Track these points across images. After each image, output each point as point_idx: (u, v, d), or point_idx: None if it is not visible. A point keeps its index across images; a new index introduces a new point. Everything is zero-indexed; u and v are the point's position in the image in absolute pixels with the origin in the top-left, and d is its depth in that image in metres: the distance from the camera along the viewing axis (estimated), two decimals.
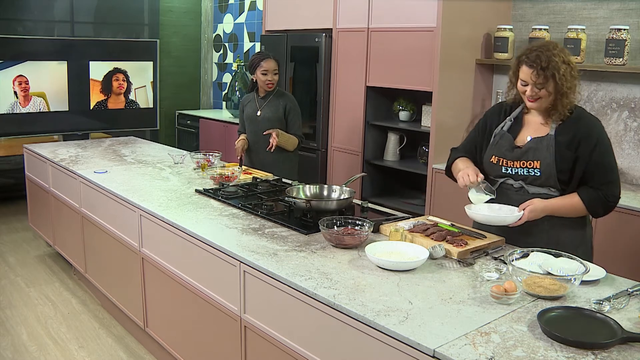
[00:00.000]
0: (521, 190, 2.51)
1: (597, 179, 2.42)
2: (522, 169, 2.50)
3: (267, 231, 2.68)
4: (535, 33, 4.01)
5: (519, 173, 2.51)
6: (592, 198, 2.42)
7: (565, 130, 2.44)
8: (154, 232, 3.06)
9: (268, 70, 4.00)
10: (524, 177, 2.49)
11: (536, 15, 4.31)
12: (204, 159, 3.98)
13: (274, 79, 4.03)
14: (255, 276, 2.31)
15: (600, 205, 2.43)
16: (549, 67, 2.34)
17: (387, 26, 4.51)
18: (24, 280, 4.53)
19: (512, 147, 2.54)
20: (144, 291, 3.28)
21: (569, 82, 2.37)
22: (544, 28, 4.01)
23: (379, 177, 4.91)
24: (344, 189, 3.05)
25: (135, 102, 6.49)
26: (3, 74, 5.75)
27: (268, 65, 4.00)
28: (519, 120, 2.59)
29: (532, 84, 2.40)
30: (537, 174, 2.46)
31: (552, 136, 2.45)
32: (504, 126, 2.60)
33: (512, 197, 2.52)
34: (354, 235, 2.47)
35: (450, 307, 1.89)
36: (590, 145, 2.40)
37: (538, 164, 2.45)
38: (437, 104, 4.21)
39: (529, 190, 2.49)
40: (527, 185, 2.50)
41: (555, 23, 4.18)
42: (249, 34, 7.23)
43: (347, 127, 4.95)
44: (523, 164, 2.49)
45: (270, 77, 4.01)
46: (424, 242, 2.42)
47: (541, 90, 2.39)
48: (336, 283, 2.08)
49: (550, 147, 2.43)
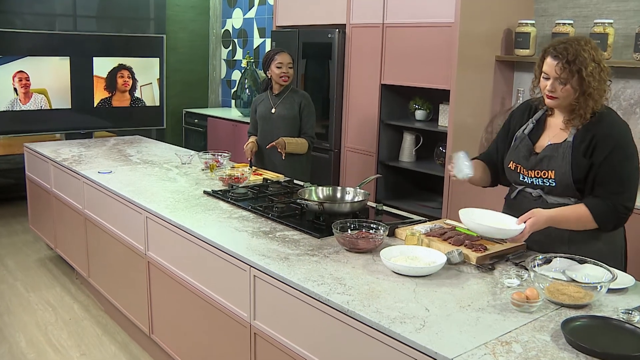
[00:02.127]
0: (540, 199, 2.46)
1: (608, 187, 2.30)
2: (537, 178, 2.44)
3: (278, 234, 2.69)
4: (558, 28, 4.00)
5: (535, 183, 2.46)
6: (601, 210, 2.30)
7: (583, 135, 2.35)
8: (161, 234, 3.08)
9: (283, 64, 4.04)
10: (541, 186, 2.44)
11: (560, 9, 4.29)
12: (212, 160, 4.01)
13: (289, 72, 4.06)
14: (265, 281, 2.32)
15: (609, 217, 2.31)
16: (576, 61, 2.25)
17: (403, 21, 4.51)
18: (23, 285, 4.56)
19: (529, 154, 2.47)
20: (149, 296, 3.30)
21: (595, 82, 2.27)
22: (568, 22, 3.99)
23: (394, 178, 4.90)
24: (358, 191, 3.05)
25: (140, 99, 6.52)
26: (2, 70, 5.77)
27: (282, 58, 4.04)
28: (541, 122, 2.52)
29: (555, 78, 2.31)
30: (552, 184, 2.40)
31: (569, 142, 2.36)
32: (526, 129, 2.54)
33: (530, 206, 2.46)
34: (369, 239, 2.47)
35: (469, 315, 1.89)
36: (606, 150, 2.28)
37: (552, 173, 2.38)
38: (455, 102, 4.21)
39: (548, 200, 2.43)
40: (545, 195, 2.45)
41: (580, 17, 4.16)
42: (259, 29, 7.25)
43: (361, 127, 4.95)
44: (537, 173, 2.43)
45: (285, 70, 4.04)
46: (441, 246, 2.43)
47: (565, 86, 2.30)
48: (350, 289, 2.09)
49: (567, 155, 2.35)
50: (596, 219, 2.31)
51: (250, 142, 4.18)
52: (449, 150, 4.25)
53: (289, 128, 4.10)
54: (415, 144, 4.81)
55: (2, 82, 5.78)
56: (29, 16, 6.67)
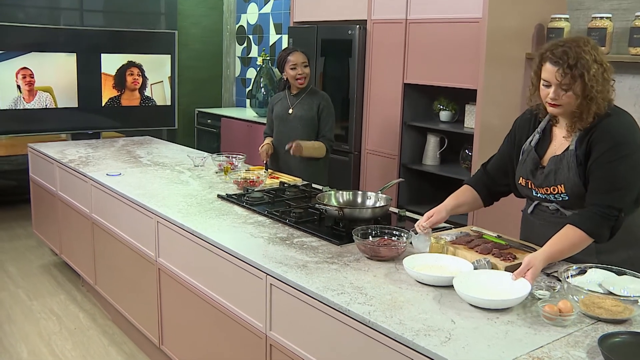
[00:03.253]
0: (557, 212, 2.45)
1: (594, 192, 2.26)
2: (548, 194, 2.42)
3: (295, 241, 2.70)
4: (595, 22, 3.95)
5: (548, 198, 2.44)
6: (590, 222, 2.22)
7: (582, 139, 2.32)
8: (172, 240, 3.10)
9: (297, 64, 4.04)
10: (556, 201, 2.43)
11: (597, 1, 4.25)
12: (226, 162, 4.03)
13: (304, 72, 4.07)
14: (282, 290, 2.33)
15: (600, 226, 2.23)
16: (578, 65, 2.21)
17: (427, 17, 4.51)
18: (25, 293, 4.59)
19: (536, 168, 2.45)
20: (159, 305, 3.32)
21: (599, 85, 2.23)
22: (606, 17, 3.94)
23: (417, 183, 4.90)
24: (379, 196, 3.06)
25: (151, 98, 6.56)
26: (5, 66, 5.79)
27: (296, 58, 4.04)
28: (547, 133, 2.49)
29: (557, 84, 2.26)
30: (565, 198, 2.37)
31: (571, 151, 2.34)
32: (532, 140, 2.51)
33: (549, 220, 2.45)
34: (391, 246, 2.48)
35: (498, 328, 1.89)
36: (600, 151, 2.25)
37: (562, 187, 2.36)
38: (482, 102, 4.20)
39: (566, 214, 2.40)
40: (563, 209, 2.42)
41: (619, 10, 4.11)
42: (275, 25, 7.28)
43: (383, 128, 4.96)
44: (547, 190, 2.41)
45: (300, 71, 4.05)
46: (467, 255, 2.42)
47: (567, 92, 2.25)
48: (371, 299, 2.09)
49: (572, 165, 2.32)
50: (589, 233, 2.22)
51: (266, 144, 4.20)
52: (476, 153, 4.24)
53: (306, 130, 4.11)
54: (439, 147, 4.80)
55: (5, 79, 5.80)
56: (33, 9, 6.70)
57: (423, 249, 2.50)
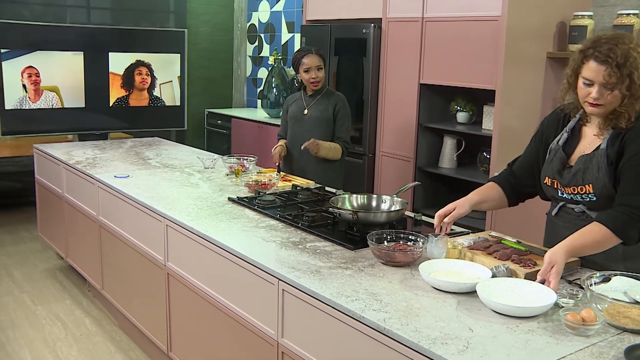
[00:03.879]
0: (583, 215, 2.43)
1: (623, 192, 2.24)
2: (575, 195, 2.40)
3: (308, 245, 2.70)
4: (621, 19, 3.92)
5: (574, 199, 2.43)
6: (618, 222, 2.20)
7: (615, 137, 2.31)
8: (182, 244, 3.11)
9: (310, 67, 4.05)
10: (583, 202, 2.41)
11: None
12: (237, 164, 4.04)
13: (318, 75, 4.07)
14: (295, 296, 2.33)
15: (630, 227, 2.20)
16: (627, 64, 2.18)
17: (444, 15, 4.50)
18: (30, 297, 4.61)
19: (563, 168, 2.44)
20: (168, 311, 3.33)
21: None
22: (632, 13, 3.90)
23: (433, 186, 4.89)
24: (394, 200, 3.06)
25: (160, 98, 6.58)
26: (10, 65, 5.79)
27: (310, 61, 4.05)
28: (575, 132, 2.48)
29: (602, 84, 2.23)
30: (592, 198, 2.36)
31: (602, 150, 2.32)
32: (560, 139, 2.49)
33: (574, 222, 2.44)
34: (406, 251, 2.48)
35: (517, 337, 1.88)
36: (633, 151, 2.24)
37: (590, 187, 2.34)
38: (501, 103, 4.19)
39: (592, 216, 2.37)
40: (589, 211, 2.40)
41: None
42: (287, 23, 7.30)
43: (398, 130, 4.95)
44: (574, 189, 2.40)
45: (313, 75, 4.06)
46: (485, 261, 2.42)
47: (612, 92, 2.23)
48: (386, 305, 2.09)
49: (602, 164, 2.30)
50: (615, 232, 2.21)
51: (279, 146, 4.21)
52: (494, 156, 4.23)
53: (321, 131, 4.11)
54: (456, 149, 4.79)
55: (10, 78, 5.79)
56: (39, 7, 6.74)
57: (439, 254, 2.49)
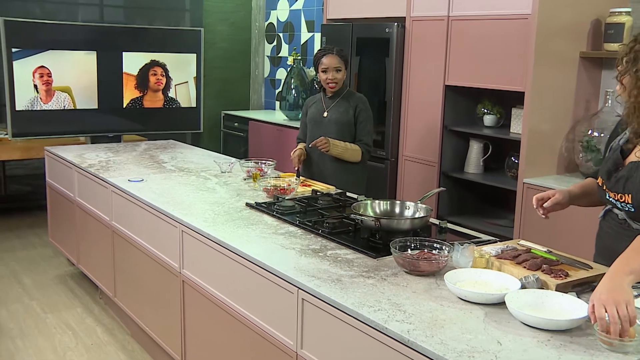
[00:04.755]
0: (625, 223, 2.40)
1: None
2: (616, 201, 2.38)
3: (329, 253, 2.71)
4: None
5: (616, 205, 2.40)
6: None
7: None
8: (198, 251, 3.13)
9: (328, 67, 4.07)
10: (623, 210, 2.38)
11: None
12: (255, 168, 4.06)
13: (335, 77, 4.08)
14: (315, 305, 2.34)
15: None
16: None
17: (471, 14, 4.50)
18: (40, 305, 4.64)
19: (615, 169, 2.39)
20: (183, 320, 3.35)
21: None
22: None
23: (458, 192, 4.88)
24: (419, 206, 3.06)
25: (175, 100, 6.61)
26: (21, 65, 5.83)
27: (329, 61, 4.07)
28: None
29: None
30: (630, 209, 2.32)
31: None
32: (622, 139, 2.43)
33: (616, 229, 2.42)
34: (431, 260, 2.48)
35: (549, 352, 1.87)
36: None
37: (629, 197, 2.31)
38: (531, 106, 4.17)
39: (633, 226, 2.35)
40: (630, 220, 2.37)
41: None
42: (307, 22, 7.32)
43: (422, 133, 4.95)
44: (615, 195, 2.37)
45: (331, 75, 4.07)
46: (514, 270, 2.41)
47: None
48: (410, 316, 2.09)
49: None
50: None
51: (298, 149, 4.22)
52: (523, 161, 4.21)
53: (342, 134, 4.12)
54: (483, 154, 4.78)
55: (21, 78, 5.84)
56: (50, 5, 6.79)
57: (465, 263, 2.49)
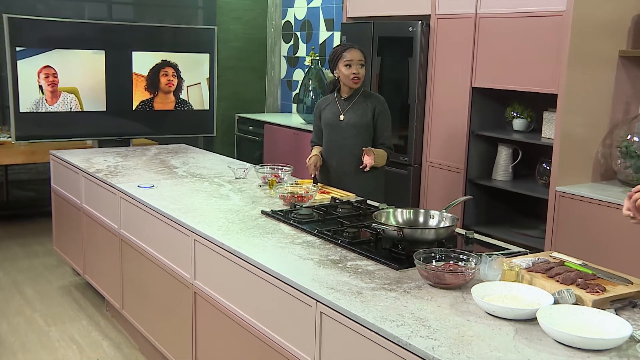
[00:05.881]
0: None
1: None
2: None
3: (349, 264, 2.71)
4: None
5: None
6: None
7: None
8: (210, 261, 3.14)
9: (352, 61, 4.05)
10: None
11: None
12: (271, 174, 4.07)
13: (360, 72, 4.07)
14: (334, 319, 2.33)
15: None
16: None
17: (500, 11, 4.49)
18: (43, 317, 4.65)
19: None
20: (194, 333, 3.35)
21: None
22: None
23: (486, 200, 4.87)
24: (444, 215, 3.06)
25: (187, 102, 6.64)
26: (26, 64, 5.87)
27: (352, 55, 4.05)
28: None
29: None
30: None
31: None
32: None
33: None
34: (457, 272, 2.47)
35: None
36: None
37: None
38: (564, 109, 4.15)
39: None
40: None
41: None
42: (325, 21, 7.33)
43: (447, 138, 4.94)
44: None
45: (355, 70, 4.05)
46: (546, 284, 2.39)
47: None
48: (435, 332, 2.08)
49: None
50: None
51: (314, 155, 4.21)
52: (555, 168, 4.19)
53: (361, 138, 4.11)
54: (512, 160, 4.76)
55: (26, 78, 5.87)
56: (56, 1, 6.82)
57: (494, 276, 2.48)
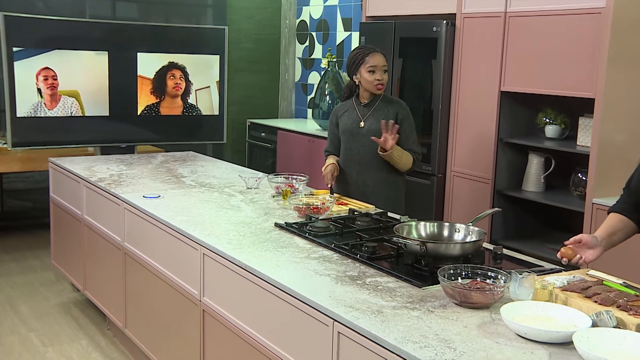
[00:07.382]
0: None
1: None
2: None
3: (368, 281, 2.70)
4: None
5: None
6: None
7: None
8: (220, 276, 3.14)
9: (377, 67, 4.04)
10: None
11: None
12: (285, 184, 4.07)
13: (384, 78, 4.07)
14: (352, 339, 2.33)
15: None
16: None
17: (532, 9, 4.49)
18: (39, 337, 4.65)
19: None
20: (202, 354, 3.36)
21: None
22: None
23: (515, 213, 4.86)
24: (470, 229, 3.05)
25: (195, 107, 6.66)
26: (23, 66, 5.87)
27: (376, 60, 4.05)
28: None
29: None
30: None
31: None
32: None
33: None
34: (485, 291, 2.46)
35: None
36: None
37: None
38: (602, 115, 4.14)
39: None
40: None
41: None
42: (343, 20, 7.35)
43: (474, 146, 4.93)
44: None
45: (379, 76, 4.04)
46: (583, 305, 2.38)
47: None
48: (461, 355, 2.08)
49: None
50: None
51: (330, 164, 4.19)
52: (592, 178, 4.17)
53: None
54: (544, 169, 4.75)
55: (24, 81, 5.88)
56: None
57: (525, 295, 2.47)
